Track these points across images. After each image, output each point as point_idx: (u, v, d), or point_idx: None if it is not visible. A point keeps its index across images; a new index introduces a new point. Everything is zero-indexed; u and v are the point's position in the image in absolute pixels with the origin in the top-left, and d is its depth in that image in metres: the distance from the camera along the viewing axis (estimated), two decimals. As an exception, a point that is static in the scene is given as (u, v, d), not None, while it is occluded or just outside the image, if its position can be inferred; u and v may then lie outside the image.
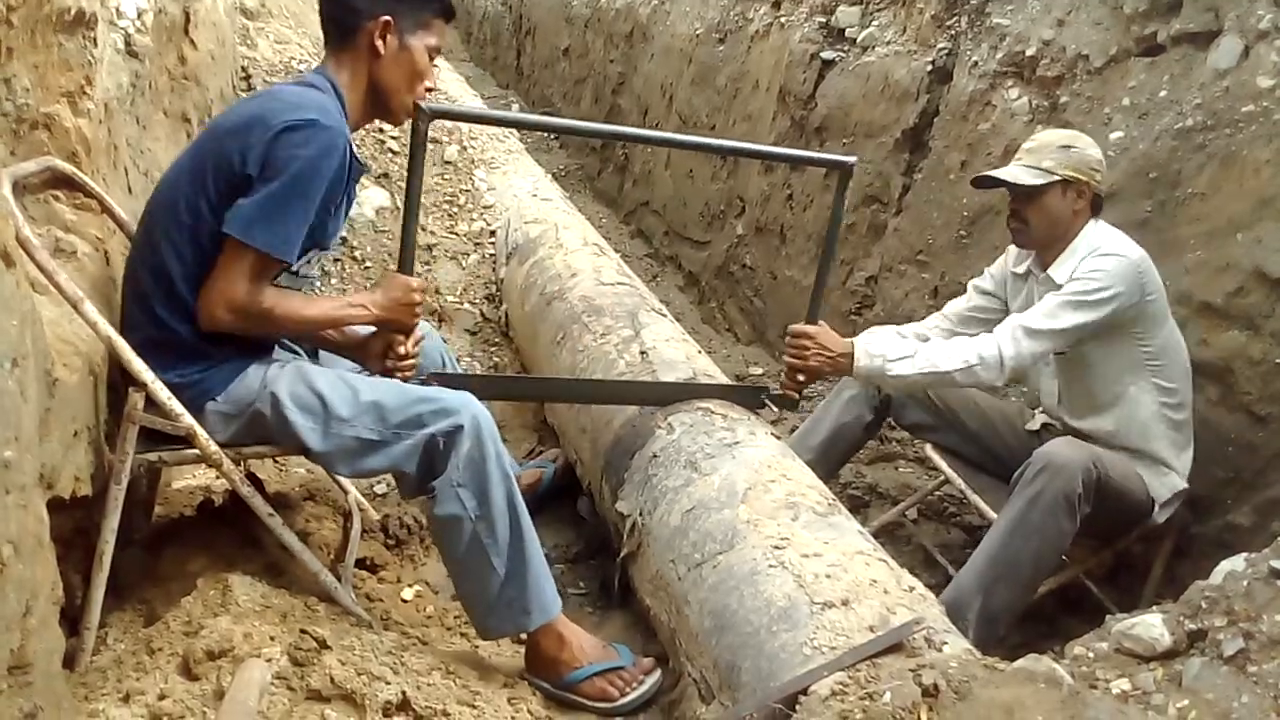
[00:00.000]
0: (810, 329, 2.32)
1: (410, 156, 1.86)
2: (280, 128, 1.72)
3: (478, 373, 2.15)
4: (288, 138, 1.71)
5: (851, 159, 2.19)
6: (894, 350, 2.29)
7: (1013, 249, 2.51)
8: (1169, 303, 2.32)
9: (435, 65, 1.97)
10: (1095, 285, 2.19)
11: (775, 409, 2.42)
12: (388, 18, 1.85)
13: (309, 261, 1.93)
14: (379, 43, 1.86)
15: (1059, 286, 2.29)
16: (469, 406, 1.85)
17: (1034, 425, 2.53)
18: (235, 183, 1.74)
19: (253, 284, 1.76)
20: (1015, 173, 2.32)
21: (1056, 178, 2.27)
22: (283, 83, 2.15)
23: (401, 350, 2.00)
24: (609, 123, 6.45)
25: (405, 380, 2.00)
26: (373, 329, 2.03)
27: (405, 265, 1.96)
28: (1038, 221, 2.32)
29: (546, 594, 1.90)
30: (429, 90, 1.95)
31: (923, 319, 3.48)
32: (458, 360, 2.65)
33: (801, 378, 2.36)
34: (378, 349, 2.02)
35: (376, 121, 2.08)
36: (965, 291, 3.35)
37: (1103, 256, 2.22)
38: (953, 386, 2.36)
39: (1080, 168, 2.28)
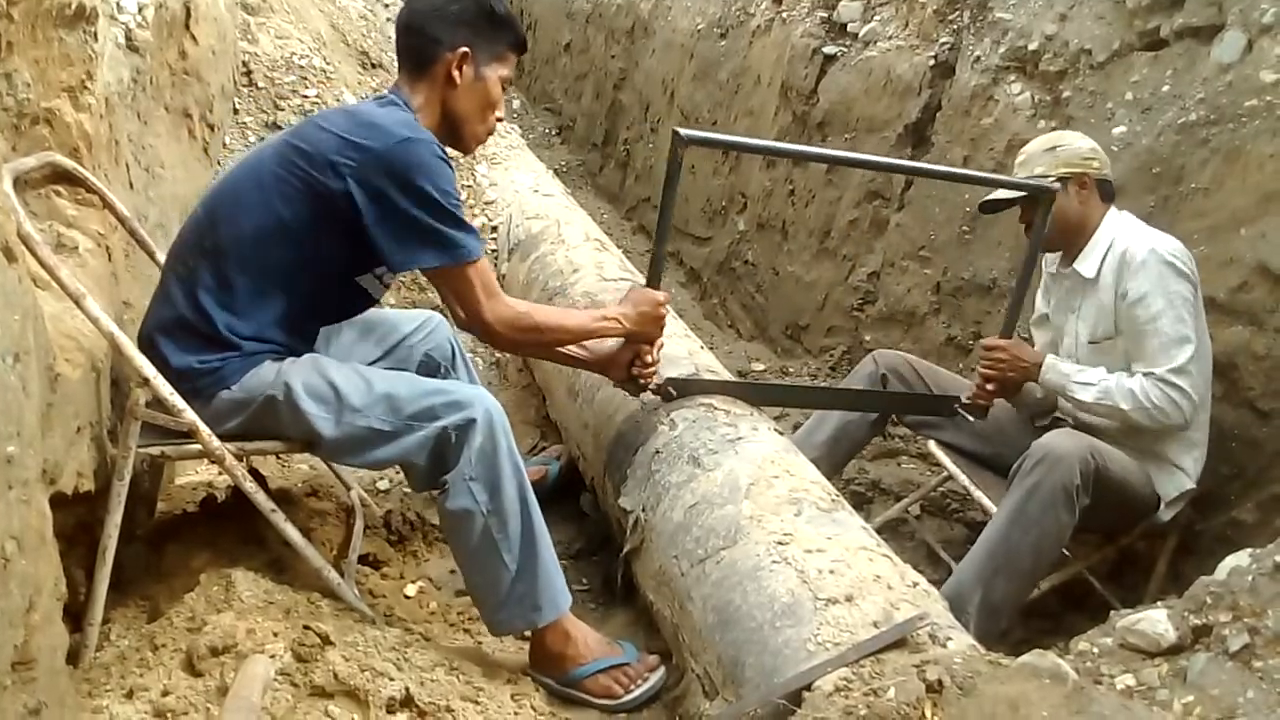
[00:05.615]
0: (1004, 341, 2.39)
1: (666, 180, 1.96)
2: (382, 151, 1.77)
3: (682, 376, 2.24)
4: (396, 160, 1.77)
5: (1055, 185, 2.26)
6: (1079, 375, 2.31)
7: (1049, 255, 2.53)
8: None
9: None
10: (1173, 290, 2.18)
11: (970, 418, 2.50)
12: (466, 49, 1.90)
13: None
14: (456, 73, 1.91)
15: (1086, 280, 2.34)
16: (482, 400, 1.86)
17: (1044, 421, 2.53)
18: (328, 199, 1.79)
19: (487, 295, 1.89)
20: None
21: (1051, 178, 2.30)
22: (362, 101, 2.24)
23: (649, 359, 2.13)
24: (609, 118, 6.45)
25: (646, 387, 2.15)
26: (618, 343, 2.13)
27: (654, 280, 2.10)
28: (1048, 225, 2.32)
29: (557, 589, 1.90)
30: (499, 120, 2.03)
31: (925, 315, 3.48)
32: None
33: (992, 387, 2.42)
34: (626, 359, 2.14)
35: None
36: (967, 287, 3.34)
37: (1146, 264, 2.20)
38: (1126, 422, 2.27)
39: (1071, 161, 2.32)
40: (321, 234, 1.83)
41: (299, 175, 1.81)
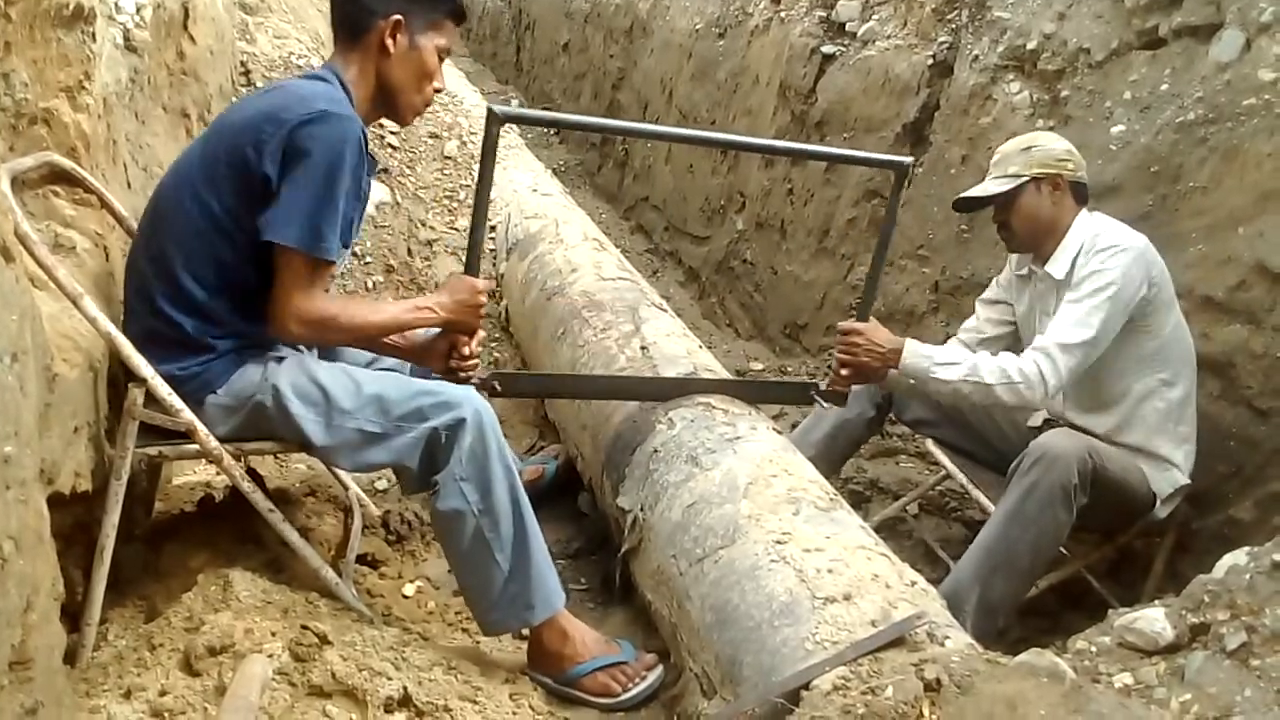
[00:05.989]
0: (859, 325, 2.33)
1: (481, 161, 1.88)
2: (294, 123, 1.71)
3: (508, 371, 2.18)
4: (304, 132, 1.71)
5: (907, 159, 2.22)
6: (941, 355, 2.29)
7: (1016, 256, 2.53)
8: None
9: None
10: (1106, 281, 2.17)
11: (825, 405, 2.45)
12: (399, 17, 1.86)
13: (341, 259, 1.92)
14: (389, 41, 1.87)
15: (1058, 281, 2.32)
16: (471, 400, 1.85)
17: (1036, 421, 2.52)
18: (250, 180, 1.74)
19: (309, 290, 1.77)
20: (985, 186, 2.39)
21: (1025, 178, 2.31)
22: (290, 77, 2.15)
23: (466, 351, 2.02)
24: (608, 118, 6.43)
25: (468, 380, 2.02)
26: (437, 331, 2.03)
27: (471, 267, 1.98)
28: (1021, 224, 2.36)
29: (550, 588, 1.90)
30: (437, 91, 1.96)
31: (923, 314, 3.47)
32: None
33: (847, 373, 2.36)
34: (442, 349, 2.03)
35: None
36: (965, 286, 3.34)
37: (1102, 252, 2.21)
38: (993, 402, 2.27)
39: (1046, 161, 2.32)
40: (251, 222, 1.76)
41: (224, 161, 1.76)
